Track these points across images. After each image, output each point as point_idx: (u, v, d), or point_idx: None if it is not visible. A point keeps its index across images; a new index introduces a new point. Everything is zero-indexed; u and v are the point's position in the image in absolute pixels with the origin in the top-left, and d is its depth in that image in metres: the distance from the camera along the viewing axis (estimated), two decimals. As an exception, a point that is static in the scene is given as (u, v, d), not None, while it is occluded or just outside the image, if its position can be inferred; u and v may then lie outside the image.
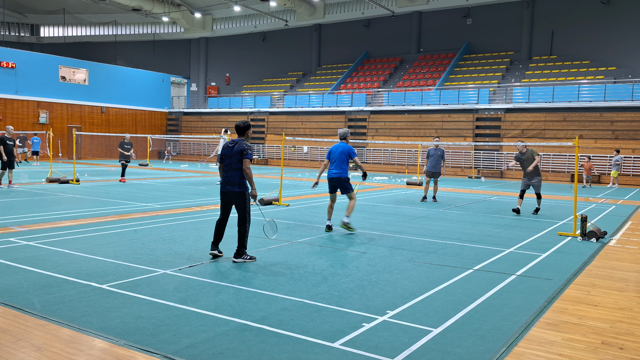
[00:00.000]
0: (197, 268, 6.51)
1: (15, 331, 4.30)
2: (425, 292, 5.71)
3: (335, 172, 9.46)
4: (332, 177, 9.51)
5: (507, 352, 4.12)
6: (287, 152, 35.80)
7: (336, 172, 9.44)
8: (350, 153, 9.49)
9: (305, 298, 5.36)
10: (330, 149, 9.68)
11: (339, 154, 9.48)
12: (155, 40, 46.96)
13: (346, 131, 9.78)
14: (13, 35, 49.11)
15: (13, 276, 5.90)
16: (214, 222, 9.82)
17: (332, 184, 9.57)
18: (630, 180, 24.92)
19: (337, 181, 9.48)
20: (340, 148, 9.53)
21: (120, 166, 19.16)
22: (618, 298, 5.73)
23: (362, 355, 3.96)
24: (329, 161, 9.60)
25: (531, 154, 12.32)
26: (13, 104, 33.68)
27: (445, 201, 15.20)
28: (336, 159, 9.48)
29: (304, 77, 41.58)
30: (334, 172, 9.47)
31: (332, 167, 9.50)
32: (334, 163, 9.50)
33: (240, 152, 6.79)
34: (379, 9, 36.53)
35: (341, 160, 9.44)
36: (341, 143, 9.66)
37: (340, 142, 9.70)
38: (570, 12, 31.46)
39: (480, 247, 8.44)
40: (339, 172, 9.43)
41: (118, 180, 18.99)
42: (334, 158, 9.51)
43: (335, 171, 9.46)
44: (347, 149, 9.51)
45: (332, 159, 9.54)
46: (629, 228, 10.91)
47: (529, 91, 28.66)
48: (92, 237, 8.30)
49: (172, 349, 4.01)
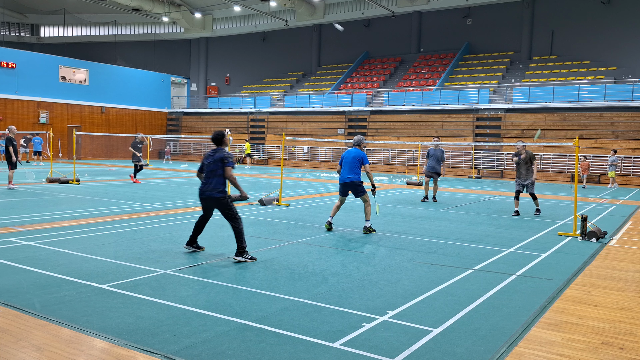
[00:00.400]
0: (197, 268, 6.51)
1: (16, 331, 4.30)
2: (426, 292, 5.71)
3: (347, 177, 9.51)
4: (345, 181, 9.58)
5: (507, 352, 4.11)
6: (287, 152, 35.80)
7: (348, 176, 9.50)
8: (362, 159, 9.51)
9: (306, 298, 5.36)
10: (343, 154, 9.77)
11: (352, 159, 9.55)
12: (156, 40, 46.97)
13: (361, 138, 9.80)
14: (13, 35, 49.11)
15: (13, 276, 5.90)
16: (215, 222, 9.83)
17: (344, 188, 9.67)
18: (630, 180, 24.92)
19: (349, 185, 9.55)
20: (352, 153, 9.58)
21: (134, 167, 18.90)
22: (618, 298, 5.73)
23: (362, 355, 3.96)
24: (341, 166, 9.67)
25: (529, 157, 12.29)
26: (13, 104, 33.69)
27: (445, 201, 15.20)
28: (348, 163, 9.54)
29: (304, 77, 41.58)
30: (347, 177, 9.54)
31: (344, 171, 9.59)
32: (345, 168, 9.57)
33: (221, 159, 6.98)
34: (379, 9, 36.53)
35: (353, 165, 9.50)
36: (354, 149, 9.67)
37: (353, 148, 9.71)
38: (571, 12, 31.45)
39: (481, 247, 8.44)
40: (351, 177, 9.49)
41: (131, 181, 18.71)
42: (346, 163, 9.58)
43: (347, 176, 9.51)
44: (360, 154, 9.55)
45: (344, 164, 9.61)
46: (629, 228, 10.90)
47: (529, 91, 28.66)
48: (92, 237, 8.30)
49: (172, 349, 4.01)
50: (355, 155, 9.55)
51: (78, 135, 35.37)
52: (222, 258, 7.10)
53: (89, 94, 38.32)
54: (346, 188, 9.63)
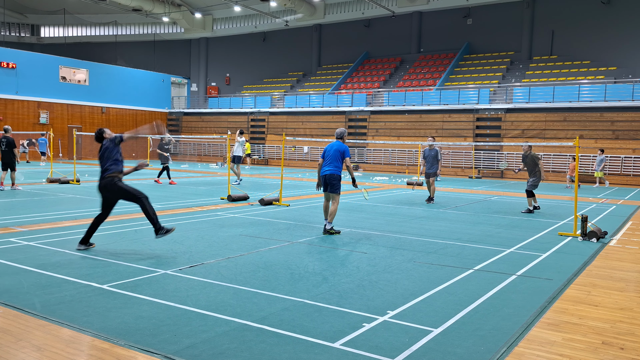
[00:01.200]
0: (197, 268, 6.51)
1: (16, 331, 4.30)
2: (426, 292, 5.71)
3: (327, 170, 9.30)
4: (325, 174, 9.35)
5: (507, 352, 4.11)
6: (288, 153, 35.81)
7: (328, 169, 9.29)
8: (344, 152, 9.36)
9: (306, 298, 5.36)
10: (325, 147, 9.56)
11: (334, 151, 9.37)
12: (156, 40, 46.97)
13: (343, 131, 9.60)
14: (13, 35, 49.12)
15: (14, 276, 5.90)
16: (215, 223, 9.83)
17: (324, 181, 9.41)
18: (630, 180, 24.91)
19: (328, 178, 9.31)
20: (335, 146, 9.40)
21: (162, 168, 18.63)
22: (618, 298, 5.73)
23: (363, 356, 3.96)
24: (324, 159, 9.46)
25: (532, 158, 12.82)
26: (13, 104, 33.69)
27: (445, 201, 15.19)
28: (330, 156, 9.36)
29: (304, 77, 41.58)
30: (326, 169, 9.33)
31: (325, 164, 9.38)
32: (327, 160, 9.38)
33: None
34: (379, 9, 36.53)
35: (335, 158, 9.32)
36: (337, 142, 9.49)
37: (335, 141, 9.52)
38: (571, 12, 31.45)
39: (481, 247, 8.44)
40: (331, 170, 9.27)
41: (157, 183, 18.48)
42: (328, 156, 9.39)
43: (327, 168, 9.30)
44: (342, 147, 9.38)
45: (326, 157, 9.41)
46: (630, 228, 10.90)
47: (529, 91, 28.65)
48: (92, 237, 8.29)
49: (173, 349, 4.01)
50: (337, 148, 9.37)
51: (78, 136, 35.36)
52: (222, 258, 7.10)
53: (89, 94, 38.32)
54: (325, 181, 9.37)
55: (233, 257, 7.18)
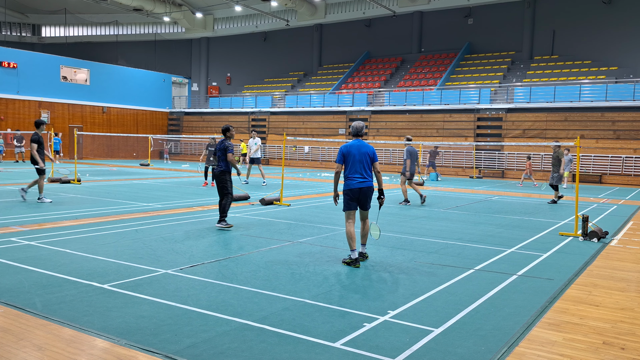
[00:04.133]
0: (198, 268, 6.51)
1: (17, 331, 4.30)
2: (427, 292, 5.71)
3: (361, 180, 6.85)
4: (361, 187, 6.84)
5: (508, 352, 4.11)
6: (288, 152, 35.81)
7: (362, 180, 6.85)
8: (374, 155, 7.00)
9: (307, 298, 5.36)
10: (343, 149, 6.95)
11: (361, 155, 6.88)
12: (157, 40, 46.98)
13: (362, 125, 7.13)
14: (15, 35, 49.15)
15: (14, 276, 5.90)
16: (215, 222, 9.82)
17: (358, 195, 6.88)
18: (631, 180, 24.89)
19: (365, 191, 6.87)
20: (362, 148, 6.89)
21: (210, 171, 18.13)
22: (619, 298, 5.72)
23: (363, 355, 3.96)
24: (342, 165, 6.96)
25: (557, 155, 14.94)
26: (14, 104, 33.71)
27: (446, 201, 15.19)
28: (356, 161, 6.87)
29: (305, 77, 41.58)
30: (359, 179, 6.85)
31: (352, 172, 6.89)
32: (354, 167, 6.87)
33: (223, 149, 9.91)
34: (380, 9, 36.52)
35: (365, 163, 6.90)
36: (358, 141, 6.99)
37: (356, 140, 7.02)
38: (572, 11, 31.42)
39: (482, 247, 8.44)
40: (367, 181, 6.90)
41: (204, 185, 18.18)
42: (353, 160, 6.88)
43: (360, 178, 6.85)
44: (371, 150, 6.97)
45: (350, 162, 6.89)
46: (630, 228, 10.89)
47: (530, 91, 28.63)
48: (93, 237, 8.31)
49: (174, 348, 4.01)
50: (366, 151, 6.91)
51: (79, 135, 35.40)
52: (223, 258, 7.10)
53: (90, 94, 38.34)
54: (360, 195, 6.87)
55: (234, 256, 7.18)
